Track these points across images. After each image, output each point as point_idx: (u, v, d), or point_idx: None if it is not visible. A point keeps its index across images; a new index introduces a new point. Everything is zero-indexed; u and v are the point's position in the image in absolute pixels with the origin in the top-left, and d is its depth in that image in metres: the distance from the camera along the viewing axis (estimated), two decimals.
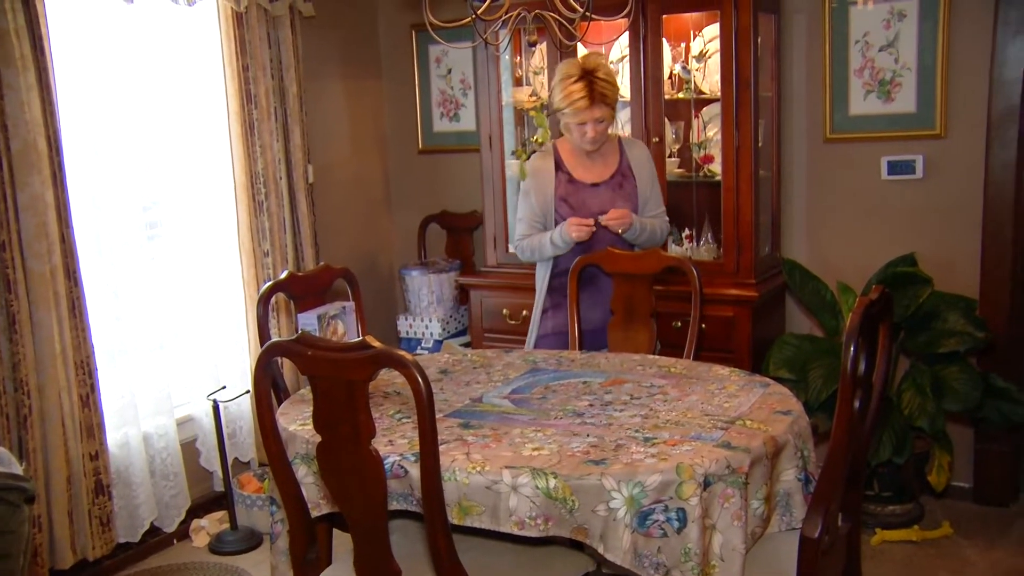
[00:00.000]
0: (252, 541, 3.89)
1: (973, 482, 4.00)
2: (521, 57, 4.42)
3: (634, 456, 2.12)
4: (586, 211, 3.37)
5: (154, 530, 3.85)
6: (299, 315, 2.99)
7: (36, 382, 3.31)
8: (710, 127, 4.02)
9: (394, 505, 2.18)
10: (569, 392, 2.66)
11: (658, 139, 3.93)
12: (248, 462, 4.30)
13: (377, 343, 1.98)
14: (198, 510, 4.06)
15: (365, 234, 5.13)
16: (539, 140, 4.33)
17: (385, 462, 2.11)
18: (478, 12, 2.61)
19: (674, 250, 4.06)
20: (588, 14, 2.69)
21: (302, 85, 4.35)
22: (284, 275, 3.10)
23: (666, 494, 2.02)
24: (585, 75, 3.19)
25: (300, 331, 2.13)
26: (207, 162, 4.11)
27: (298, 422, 2.46)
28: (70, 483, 3.41)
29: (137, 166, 3.82)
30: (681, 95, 4.05)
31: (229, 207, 4.17)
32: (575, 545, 2.42)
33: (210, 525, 4.00)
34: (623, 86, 3.89)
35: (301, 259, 4.41)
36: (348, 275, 3.24)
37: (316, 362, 2.04)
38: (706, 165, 4.02)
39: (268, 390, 2.21)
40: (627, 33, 3.89)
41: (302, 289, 3.10)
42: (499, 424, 2.40)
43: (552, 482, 2.04)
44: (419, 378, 1.95)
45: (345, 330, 3.04)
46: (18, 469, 2.10)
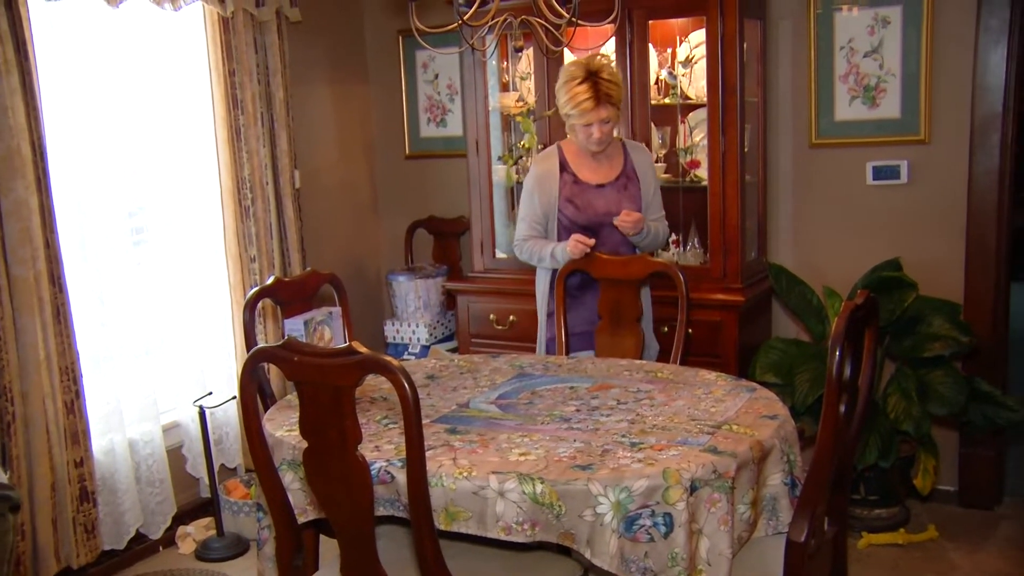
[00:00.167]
0: (239, 548, 3.87)
1: (958, 485, 4.02)
2: (508, 62, 4.43)
3: (621, 461, 2.13)
4: (592, 212, 3.38)
5: (140, 537, 3.83)
6: (285, 320, 2.99)
7: (20, 388, 3.29)
8: (696, 132, 4.04)
9: (381, 511, 2.18)
10: (556, 397, 2.66)
11: (644, 144, 3.94)
12: (235, 468, 4.28)
13: (363, 349, 1.97)
14: (184, 517, 4.04)
15: (352, 239, 5.12)
16: (526, 145, 4.34)
17: (372, 468, 2.11)
18: (464, 18, 2.61)
19: (661, 255, 4.07)
20: (574, 19, 2.70)
21: (289, 90, 4.34)
22: (271, 280, 3.09)
23: (653, 499, 2.02)
24: (589, 76, 3.19)
25: (286, 337, 2.13)
26: (193, 167, 4.10)
27: (284, 428, 2.45)
28: (54, 490, 3.39)
29: (123, 171, 3.80)
30: (667, 100, 4.07)
31: (215, 212, 4.16)
32: (562, 550, 2.42)
33: (196, 532, 3.98)
34: None
35: (288, 264, 4.40)
36: (335, 280, 3.23)
37: (302, 368, 2.04)
38: (692, 170, 4.03)
39: (254, 396, 2.20)
40: (613, 38, 3.90)
41: (289, 294, 3.10)
42: (486, 429, 2.40)
43: (539, 487, 2.04)
44: (405, 383, 1.94)
45: (332, 336, 3.03)
46: (3, 478, 2.09)
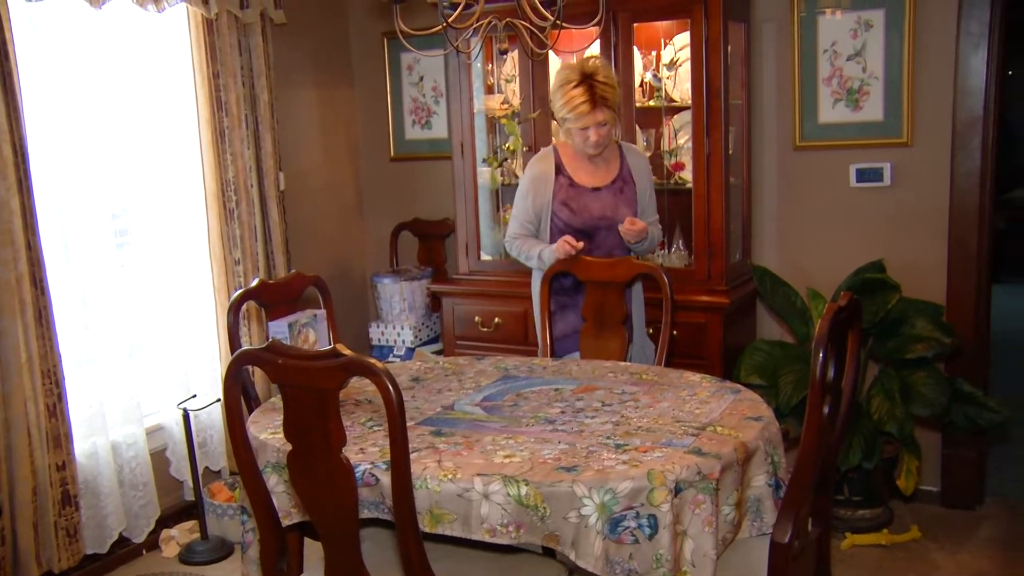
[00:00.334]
0: (223, 551, 3.85)
1: (941, 486, 4.04)
2: (493, 65, 4.43)
3: (605, 463, 2.13)
4: (587, 215, 3.37)
5: (123, 541, 3.81)
6: (270, 323, 2.97)
7: (1, 391, 3.26)
8: (681, 135, 4.05)
9: (365, 513, 2.18)
10: (541, 399, 2.66)
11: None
12: (219, 471, 4.26)
13: (347, 351, 1.97)
14: (168, 520, 4.02)
15: (337, 242, 5.11)
16: (511, 147, 4.34)
17: (356, 470, 2.11)
18: (449, 20, 2.61)
19: (645, 256, 4.08)
20: (559, 22, 2.70)
21: (273, 92, 4.33)
22: (255, 283, 3.08)
23: (637, 500, 2.03)
24: (585, 79, 3.18)
25: (270, 339, 2.12)
26: (177, 169, 4.08)
27: (269, 431, 2.44)
28: (36, 494, 3.36)
29: (106, 173, 3.78)
30: (652, 103, 4.08)
31: (200, 214, 4.14)
32: (547, 552, 2.42)
33: (180, 535, 3.96)
34: None
35: (272, 267, 4.39)
36: (319, 283, 3.23)
37: (286, 370, 2.03)
38: (677, 172, 4.05)
39: (238, 399, 2.20)
40: (598, 41, 3.91)
41: (273, 297, 3.09)
42: (471, 432, 2.40)
43: (524, 489, 2.04)
44: (389, 386, 1.94)
45: (316, 338, 3.02)
46: None
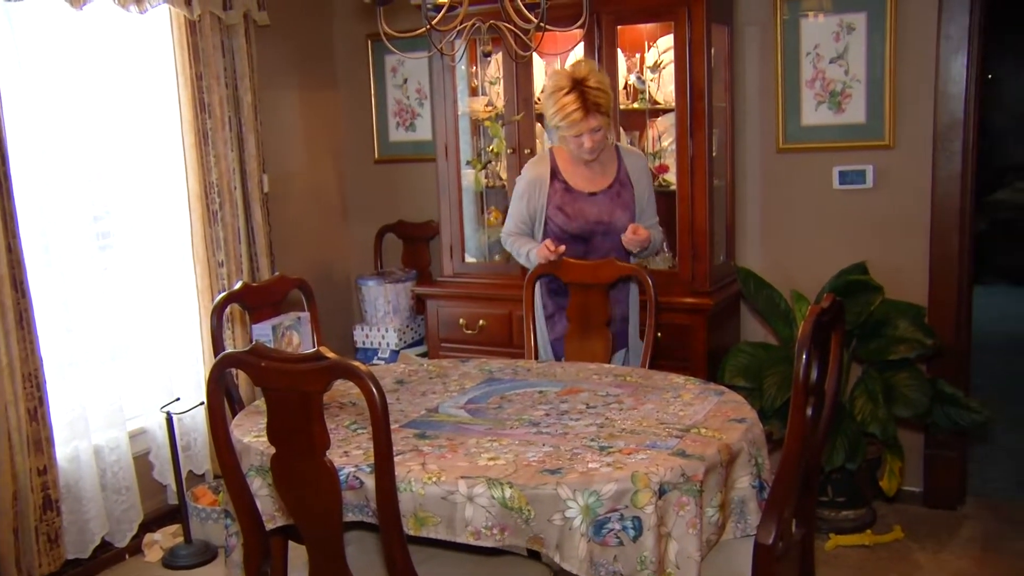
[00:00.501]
0: (206, 555, 3.83)
1: (923, 486, 4.06)
2: (477, 67, 4.44)
3: (590, 465, 2.13)
4: (583, 220, 3.36)
5: (105, 545, 3.78)
6: (253, 326, 2.96)
7: None
8: (665, 137, 4.06)
9: (349, 516, 2.17)
10: (525, 402, 2.66)
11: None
12: (203, 474, 4.24)
13: (331, 354, 1.96)
14: (151, 524, 4.00)
15: (321, 244, 5.10)
16: (495, 150, 4.34)
17: (340, 473, 2.10)
18: (433, 22, 2.61)
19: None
20: (542, 24, 2.70)
21: (257, 94, 4.31)
22: (238, 285, 3.06)
23: (622, 503, 2.03)
24: (576, 85, 3.13)
25: (254, 342, 2.11)
26: (160, 171, 4.06)
27: (252, 434, 2.43)
28: (16, 499, 3.33)
29: (88, 175, 3.76)
30: (636, 105, 4.09)
31: (183, 217, 4.12)
32: (532, 555, 2.42)
33: (163, 539, 3.94)
34: None
35: (256, 269, 4.37)
36: (303, 285, 3.21)
37: (269, 373, 2.02)
38: (661, 175, 4.06)
39: (221, 402, 2.19)
40: (582, 44, 3.91)
41: (257, 300, 3.07)
42: (455, 434, 2.40)
43: (508, 492, 2.04)
44: (373, 389, 1.94)
45: (300, 341, 3.01)
46: None
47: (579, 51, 4.05)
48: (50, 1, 3.50)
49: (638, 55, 4.10)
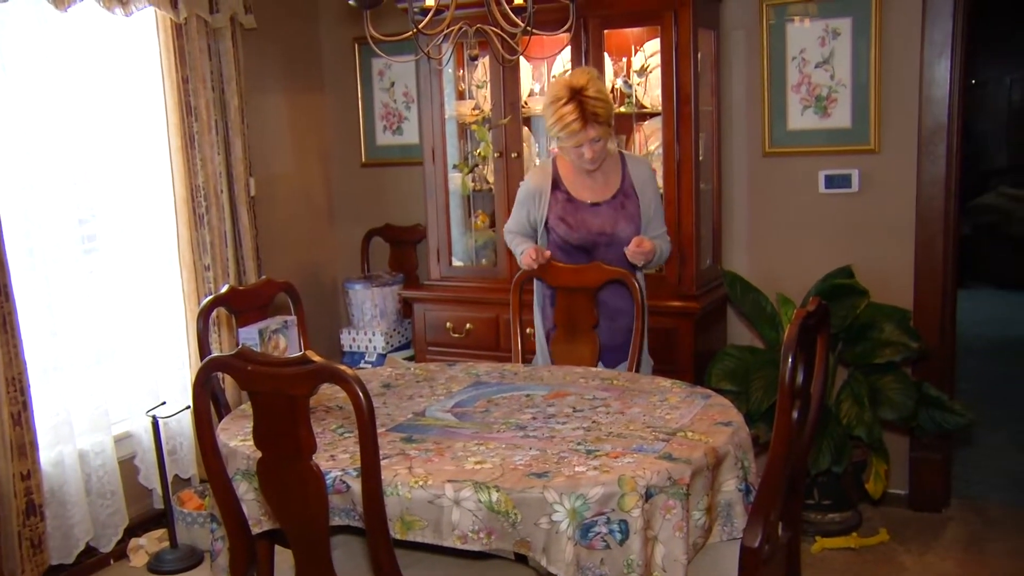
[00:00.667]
0: (192, 559, 3.82)
1: (908, 489, 4.08)
2: (464, 71, 4.44)
3: (576, 469, 2.13)
4: (585, 231, 3.31)
5: (90, 550, 3.76)
6: (240, 329, 2.96)
7: None
8: (651, 141, 4.07)
9: (336, 520, 2.17)
10: (512, 405, 2.66)
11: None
12: (189, 479, 4.23)
13: (317, 357, 1.96)
14: (136, 529, 3.98)
15: (308, 248, 5.09)
16: (481, 153, 4.34)
17: (327, 477, 2.10)
18: (420, 26, 2.61)
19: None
20: (529, 29, 2.71)
21: (244, 97, 4.30)
22: (225, 289, 3.06)
23: (608, 506, 2.03)
24: (574, 95, 3.07)
25: (240, 346, 2.11)
26: (146, 175, 4.04)
27: (239, 438, 2.43)
28: None
29: (73, 178, 3.73)
30: (623, 109, 4.09)
31: (169, 220, 4.11)
32: (519, 558, 2.42)
33: (149, 544, 3.92)
34: None
35: (243, 273, 4.36)
36: (290, 289, 3.21)
37: (256, 377, 2.02)
38: None
39: (208, 406, 2.18)
40: (569, 48, 3.92)
41: (243, 303, 3.07)
42: (442, 438, 2.39)
43: (495, 495, 2.04)
44: (359, 393, 1.93)
45: (287, 344, 3.01)
46: None
47: (566, 55, 4.06)
48: (34, 3, 3.48)
49: (625, 59, 4.11)
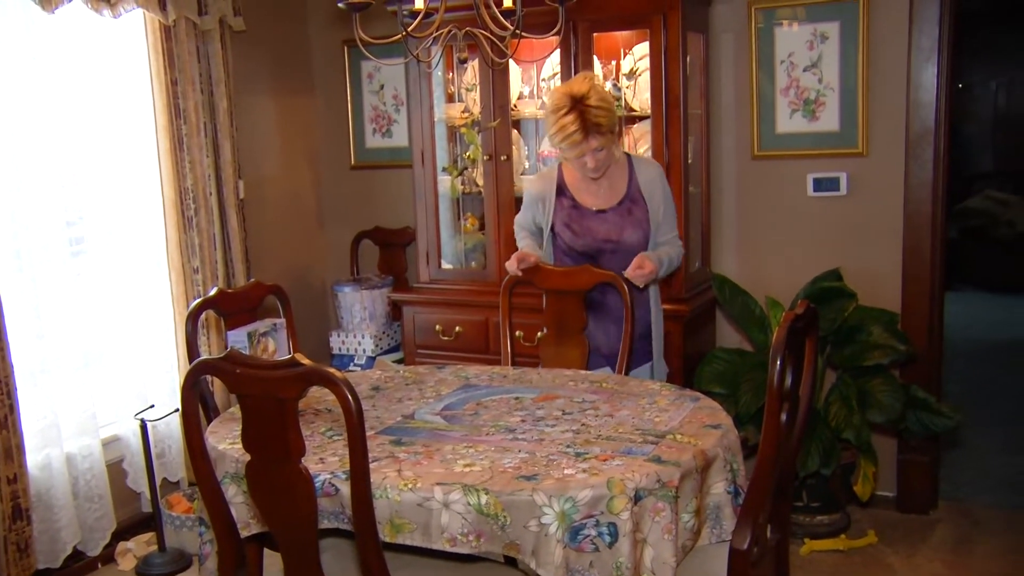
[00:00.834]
0: (181, 563, 3.80)
1: (896, 491, 4.10)
2: (453, 74, 4.44)
3: (565, 471, 2.13)
4: (590, 238, 3.28)
5: (77, 554, 3.74)
6: (229, 332, 2.95)
7: None
8: (640, 144, 4.08)
9: (325, 523, 2.16)
10: (501, 408, 2.66)
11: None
12: (177, 482, 4.21)
13: (306, 360, 1.96)
14: (125, 532, 3.96)
15: (297, 250, 5.08)
16: (471, 156, 4.35)
17: (316, 480, 2.09)
18: (409, 29, 2.61)
19: None
20: (518, 31, 2.71)
21: (233, 100, 4.30)
22: (214, 292, 3.05)
23: (597, 509, 2.03)
24: (575, 105, 3.01)
25: (229, 349, 2.10)
26: (135, 177, 4.03)
27: (228, 441, 2.42)
28: None
29: (61, 180, 3.71)
30: None
31: (157, 223, 4.10)
32: (508, 561, 2.42)
33: (137, 547, 3.90)
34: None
35: (232, 276, 4.35)
36: (279, 292, 3.20)
37: (244, 380, 2.01)
38: None
39: (196, 409, 2.18)
40: (558, 51, 3.93)
41: (232, 306, 3.06)
42: (431, 441, 2.39)
43: (484, 498, 2.04)
44: (348, 396, 1.93)
45: (276, 347, 3.00)
46: None
47: (555, 58, 4.07)
48: (21, 4, 3.47)
49: (614, 62, 4.12)
